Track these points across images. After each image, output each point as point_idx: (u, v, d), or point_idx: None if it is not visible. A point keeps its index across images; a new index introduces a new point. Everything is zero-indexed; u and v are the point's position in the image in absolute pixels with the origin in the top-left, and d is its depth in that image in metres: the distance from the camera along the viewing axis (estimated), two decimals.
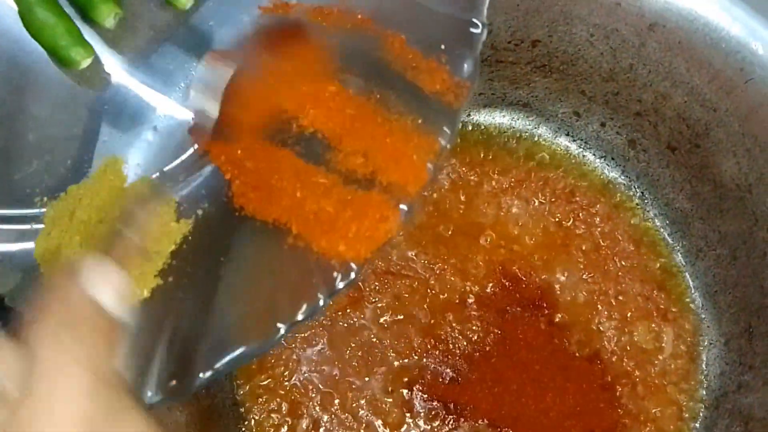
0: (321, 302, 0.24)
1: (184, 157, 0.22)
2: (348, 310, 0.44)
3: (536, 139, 0.50)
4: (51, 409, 0.16)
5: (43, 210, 0.26)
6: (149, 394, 0.23)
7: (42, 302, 0.17)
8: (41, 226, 0.26)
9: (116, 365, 0.18)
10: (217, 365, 0.23)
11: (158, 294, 0.24)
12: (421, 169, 0.25)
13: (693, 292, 0.45)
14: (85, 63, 0.27)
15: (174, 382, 0.23)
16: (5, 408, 0.16)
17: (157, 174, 0.21)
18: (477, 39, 0.26)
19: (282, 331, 0.23)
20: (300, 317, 0.24)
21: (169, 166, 0.21)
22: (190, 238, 0.25)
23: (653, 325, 0.44)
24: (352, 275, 0.24)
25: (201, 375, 0.23)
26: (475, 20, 0.26)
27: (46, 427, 0.16)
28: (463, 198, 0.48)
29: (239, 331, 0.24)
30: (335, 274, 0.24)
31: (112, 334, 0.18)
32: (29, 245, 0.26)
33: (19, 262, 0.26)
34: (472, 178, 0.48)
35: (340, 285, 0.24)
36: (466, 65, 0.26)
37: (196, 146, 0.26)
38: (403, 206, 0.24)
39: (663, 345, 0.44)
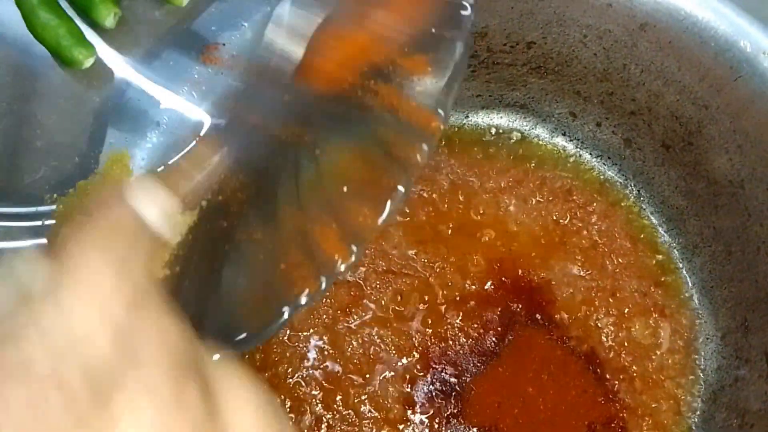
0: (323, 285, 0.24)
1: (188, 149, 0.23)
2: (349, 309, 0.45)
3: (533, 139, 0.51)
4: (72, 306, 0.15)
5: (53, 207, 0.27)
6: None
7: (84, 213, 0.17)
8: (52, 222, 0.27)
9: (153, 276, 0.17)
10: (223, 351, 0.24)
11: (165, 285, 0.25)
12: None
13: (689, 287, 0.46)
14: (88, 62, 0.28)
15: None
16: (27, 304, 0.16)
17: (162, 168, 0.22)
18: (467, 21, 0.26)
19: (286, 315, 0.24)
20: (303, 300, 0.24)
21: (173, 159, 0.22)
22: (195, 228, 0.26)
23: (650, 321, 0.45)
24: (353, 258, 0.24)
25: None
26: (464, 2, 0.27)
27: (65, 320, 0.15)
28: (461, 198, 0.48)
29: (243, 316, 0.25)
30: (336, 257, 0.24)
31: (152, 246, 0.17)
32: (41, 241, 0.27)
33: None
34: (470, 178, 0.49)
35: (341, 268, 0.24)
36: (457, 48, 0.26)
37: (198, 139, 0.27)
38: (400, 187, 0.25)
39: (660, 340, 0.44)
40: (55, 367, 0.15)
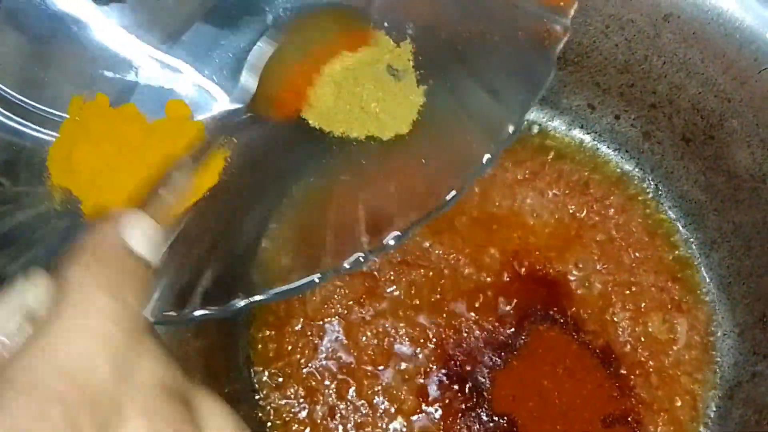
0: (362, 259, 0.25)
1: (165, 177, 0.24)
2: (364, 299, 0.45)
3: (551, 131, 0.50)
4: (73, 327, 0.17)
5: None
6: (192, 308, 0.25)
7: (79, 242, 0.19)
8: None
9: (141, 304, 0.19)
10: (257, 297, 0.25)
11: (208, 202, 0.27)
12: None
13: (707, 282, 0.46)
14: None
15: (213, 303, 0.25)
16: (32, 327, 0.18)
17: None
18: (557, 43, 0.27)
19: (326, 275, 0.25)
20: (346, 266, 0.25)
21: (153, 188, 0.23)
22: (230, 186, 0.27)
23: (667, 316, 0.44)
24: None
25: (240, 301, 0.25)
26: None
27: (67, 342, 0.17)
28: (477, 190, 0.48)
29: (285, 265, 0.26)
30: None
31: (140, 274, 0.19)
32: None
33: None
34: (486, 170, 0.49)
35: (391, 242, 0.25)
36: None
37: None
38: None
39: (677, 336, 0.44)
40: (60, 388, 0.16)
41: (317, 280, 0.25)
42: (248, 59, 0.29)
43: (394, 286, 0.45)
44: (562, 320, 0.44)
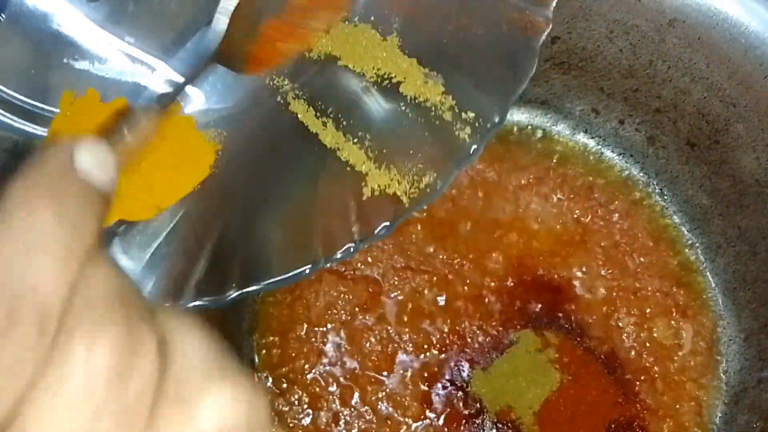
0: (352, 249, 0.26)
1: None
2: (367, 305, 0.45)
3: (554, 136, 0.50)
4: (12, 241, 0.16)
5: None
6: (186, 298, 0.25)
7: (27, 161, 0.17)
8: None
9: (89, 224, 0.17)
10: (250, 288, 0.25)
11: (201, 194, 0.27)
12: None
13: (712, 288, 0.45)
14: None
15: (208, 292, 0.26)
16: None
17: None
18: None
19: (318, 265, 0.25)
20: (338, 256, 0.25)
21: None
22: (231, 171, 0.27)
23: (672, 322, 0.44)
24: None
25: (233, 292, 0.26)
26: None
27: (19, 267, 0.16)
28: (481, 194, 0.48)
29: (277, 257, 0.26)
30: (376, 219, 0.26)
31: (88, 193, 0.18)
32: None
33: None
34: (490, 174, 0.48)
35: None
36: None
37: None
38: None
39: (682, 341, 0.44)
40: (9, 307, 0.15)
41: (308, 271, 0.25)
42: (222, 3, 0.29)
43: (398, 292, 0.45)
44: (566, 325, 0.44)
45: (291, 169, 0.29)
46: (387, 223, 0.26)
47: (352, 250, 0.25)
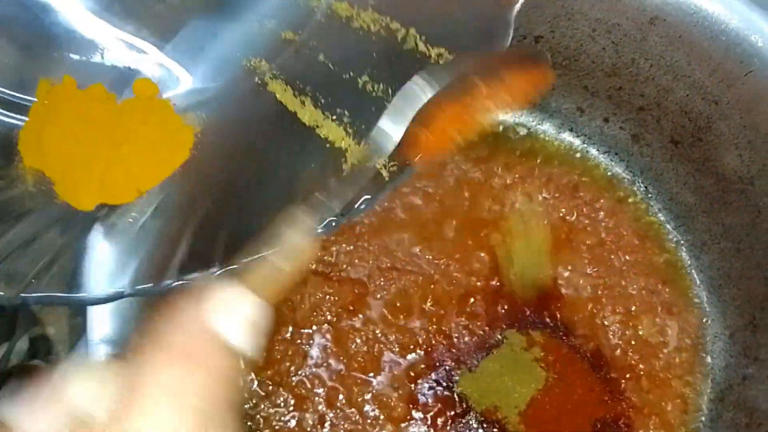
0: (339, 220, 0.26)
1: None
2: (353, 306, 0.44)
3: (540, 135, 0.50)
4: None
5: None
6: (169, 279, 0.25)
7: (159, 325, 0.15)
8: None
9: (227, 406, 0.15)
10: (232, 266, 0.25)
11: (182, 176, 0.27)
12: None
13: (697, 285, 0.45)
14: None
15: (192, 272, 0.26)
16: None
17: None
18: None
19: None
20: (319, 230, 0.25)
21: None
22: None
23: (658, 319, 0.44)
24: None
25: (216, 270, 0.25)
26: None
27: None
28: (467, 194, 0.48)
29: (261, 235, 0.26)
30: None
31: (230, 372, 0.16)
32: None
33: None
34: (476, 174, 0.48)
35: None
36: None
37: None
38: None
39: (668, 339, 0.44)
40: None
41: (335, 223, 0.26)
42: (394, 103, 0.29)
43: (384, 292, 0.45)
44: (552, 324, 0.44)
45: (271, 149, 0.29)
46: (368, 197, 0.26)
47: (334, 224, 0.26)
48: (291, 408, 0.42)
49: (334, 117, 0.29)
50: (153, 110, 0.29)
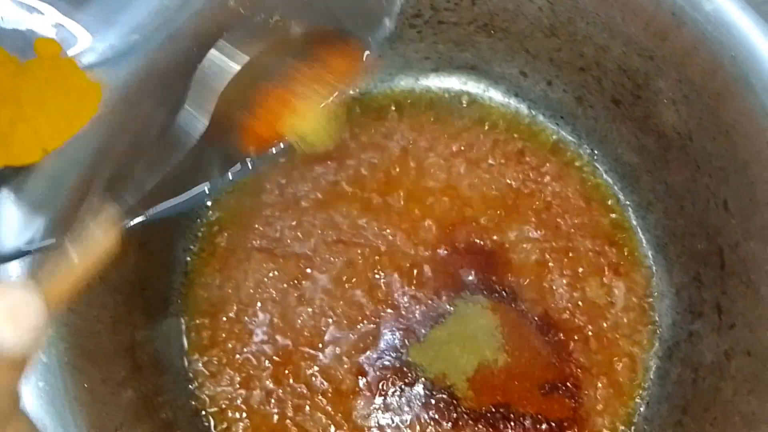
0: (250, 165, 0.26)
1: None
2: (299, 281, 0.44)
3: (486, 101, 0.49)
4: None
5: None
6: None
7: None
8: None
9: (14, 398, 0.15)
10: (138, 218, 0.25)
11: (92, 131, 0.27)
12: None
13: (644, 245, 0.45)
14: None
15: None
16: None
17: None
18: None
19: (216, 184, 0.26)
20: (239, 168, 0.26)
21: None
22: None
23: (605, 280, 0.44)
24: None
25: (129, 219, 0.25)
26: None
27: None
28: (413, 164, 0.47)
29: (175, 183, 0.26)
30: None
31: (9, 371, 0.15)
32: None
33: None
34: (421, 143, 0.48)
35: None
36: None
37: None
38: None
39: (615, 299, 0.44)
40: None
41: (207, 190, 0.26)
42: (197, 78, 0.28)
43: (330, 266, 0.44)
44: (500, 290, 0.44)
45: (184, 97, 0.29)
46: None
47: (250, 165, 0.26)
48: (237, 386, 0.42)
49: None
50: (57, 69, 0.28)
